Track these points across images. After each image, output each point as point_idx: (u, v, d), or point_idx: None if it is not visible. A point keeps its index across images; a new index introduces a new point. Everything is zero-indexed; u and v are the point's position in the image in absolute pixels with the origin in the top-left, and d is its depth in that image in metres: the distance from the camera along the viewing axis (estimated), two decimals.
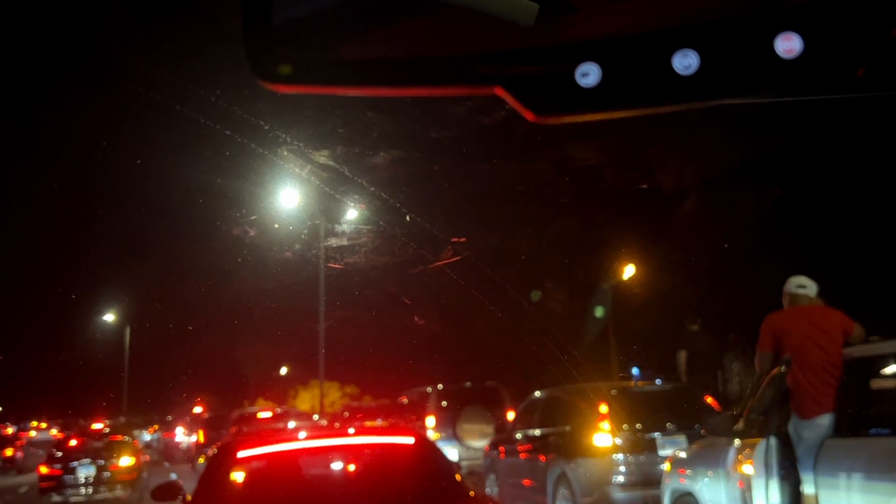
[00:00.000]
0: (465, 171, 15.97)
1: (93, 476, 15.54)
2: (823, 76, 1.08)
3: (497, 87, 1.13)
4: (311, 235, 20.09)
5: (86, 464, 15.59)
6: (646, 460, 8.63)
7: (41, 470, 16.03)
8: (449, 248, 16.37)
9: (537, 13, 1.11)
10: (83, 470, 15.51)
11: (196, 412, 31.11)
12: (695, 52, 1.08)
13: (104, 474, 15.65)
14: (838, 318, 5.74)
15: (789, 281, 6.00)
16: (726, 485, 6.18)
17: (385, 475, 4.93)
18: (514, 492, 10.53)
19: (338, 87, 1.23)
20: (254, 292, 24.21)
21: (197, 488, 4.69)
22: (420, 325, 24.86)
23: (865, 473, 4.92)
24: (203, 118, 10.54)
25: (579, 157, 14.64)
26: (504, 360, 19.00)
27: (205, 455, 14.19)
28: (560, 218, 18.06)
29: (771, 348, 5.86)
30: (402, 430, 5.44)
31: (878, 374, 5.53)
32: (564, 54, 1.11)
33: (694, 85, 1.08)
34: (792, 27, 1.06)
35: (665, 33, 1.09)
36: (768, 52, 1.06)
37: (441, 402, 15.45)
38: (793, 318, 5.85)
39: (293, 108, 11.96)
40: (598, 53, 1.10)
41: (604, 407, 8.94)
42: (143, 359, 33.61)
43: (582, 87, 1.10)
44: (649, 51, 1.09)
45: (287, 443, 5.15)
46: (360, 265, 19.87)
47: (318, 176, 14.94)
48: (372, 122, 13.25)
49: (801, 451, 5.44)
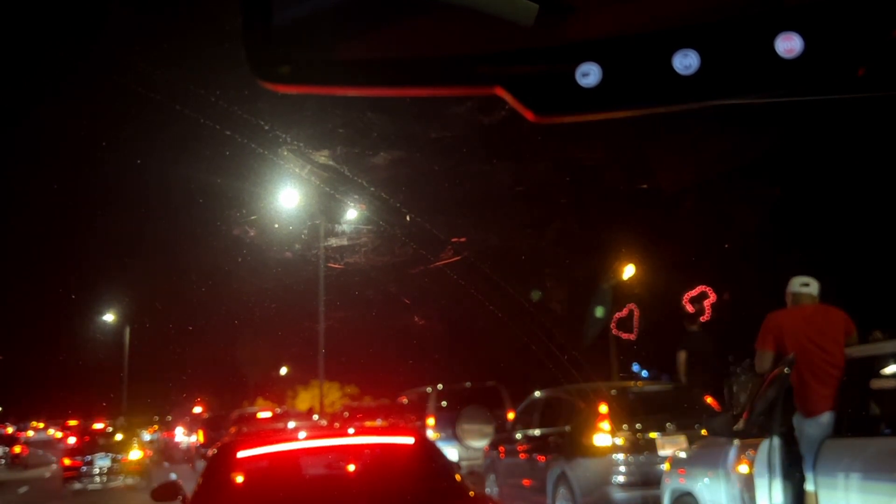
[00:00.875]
0: (465, 171, 15.98)
1: (107, 467, 18.15)
2: (824, 76, 1.08)
3: (497, 87, 1.13)
4: (311, 235, 20.09)
5: (102, 456, 18.18)
6: (646, 460, 8.63)
7: (64, 462, 18.69)
8: (449, 248, 16.36)
9: (537, 13, 1.11)
10: (100, 462, 18.10)
11: (196, 412, 31.16)
12: (695, 52, 1.08)
13: (117, 465, 18.25)
14: (840, 317, 5.74)
15: (792, 280, 6.00)
16: (726, 485, 6.18)
17: (385, 475, 4.93)
18: (514, 492, 10.53)
19: (338, 87, 1.23)
20: (254, 292, 24.22)
21: (197, 488, 4.69)
22: (420, 325, 24.87)
23: (865, 473, 4.92)
24: (203, 118, 10.55)
25: (579, 157, 14.66)
26: (504, 360, 18.99)
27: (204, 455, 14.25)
28: (560, 218, 18.07)
29: (771, 347, 5.86)
30: (401, 430, 5.43)
31: (878, 374, 5.53)
32: (565, 54, 1.11)
33: (694, 85, 1.08)
34: (792, 27, 1.06)
35: (665, 33, 1.09)
36: (769, 52, 1.06)
37: (441, 402, 15.45)
38: (793, 317, 5.85)
39: (293, 109, 11.97)
40: (599, 53, 1.10)
41: (604, 407, 8.94)
42: (142, 359, 33.64)
43: (582, 87, 1.10)
44: (650, 51, 1.09)
45: (287, 443, 5.15)
46: (360, 265, 19.87)
47: (319, 176, 14.95)
48: (372, 122, 13.26)
49: (804, 447, 5.45)
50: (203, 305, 29.91)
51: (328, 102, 11.98)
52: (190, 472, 19.24)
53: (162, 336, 33.53)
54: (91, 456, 18.12)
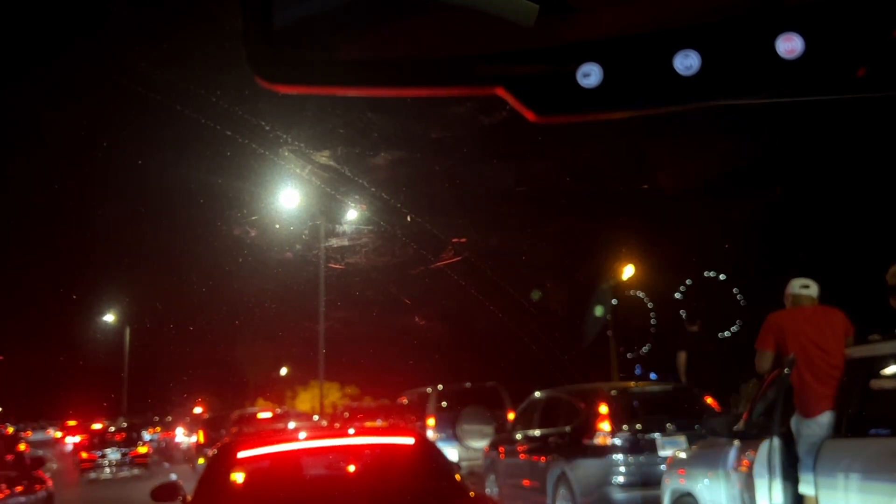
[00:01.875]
0: (465, 172, 15.96)
1: (118, 459, 21.86)
2: (824, 77, 1.08)
3: (498, 88, 1.13)
4: (312, 236, 20.09)
5: (113, 451, 21.94)
6: (646, 461, 8.63)
7: (82, 455, 22.37)
8: (449, 248, 16.35)
9: (538, 13, 1.11)
10: (112, 455, 21.90)
11: (196, 412, 31.15)
12: (696, 53, 1.08)
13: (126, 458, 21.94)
14: (840, 318, 5.74)
15: (792, 282, 6.01)
16: (726, 485, 6.18)
17: (385, 475, 4.93)
18: (514, 492, 10.53)
19: (338, 87, 1.23)
20: (254, 293, 24.23)
21: (197, 489, 4.69)
22: (420, 325, 24.87)
23: (865, 474, 4.92)
24: (204, 118, 10.55)
25: (580, 157, 14.65)
26: (504, 361, 18.99)
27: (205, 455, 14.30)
28: (561, 218, 18.07)
29: (771, 347, 5.86)
30: (401, 431, 5.44)
31: (878, 374, 5.53)
32: (566, 55, 1.11)
33: (695, 85, 1.08)
34: (793, 28, 1.06)
35: (666, 34, 1.09)
36: (769, 53, 1.06)
37: (441, 402, 15.44)
38: (794, 317, 5.85)
39: (294, 109, 11.96)
40: (600, 54, 1.10)
41: (604, 407, 8.93)
42: (143, 359, 33.65)
43: (583, 87, 1.10)
44: (650, 51, 1.09)
45: (287, 443, 5.15)
46: (361, 265, 19.85)
47: (319, 176, 14.94)
48: (373, 122, 13.25)
49: (801, 448, 5.45)
50: (204, 306, 29.93)
51: (329, 103, 11.97)
52: (190, 472, 19.23)
53: (162, 336, 33.55)
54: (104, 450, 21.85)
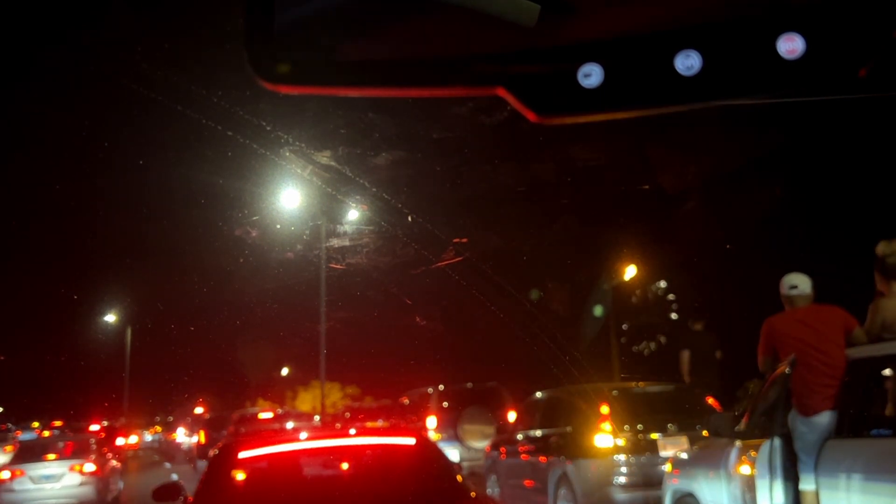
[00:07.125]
0: (466, 172, 15.96)
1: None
2: (826, 77, 1.08)
3: (499, 88, 1.13)
4: (313, 236, 20.08)
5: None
6: (647, 461, 8.63)
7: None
8: (450, 248, 16.34)
9: (539, 13, 1.11)
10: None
11: (197, 413, 31.15)
12: (697, 53, 1.08)
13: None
14: (837, 316, 5.68)
15: (782, 283, 5.96)
16: (728, 486, 6.17)
17: (386, 476, 4.93)
18: (515, 493, 10.53)
19: (339, 87, 1.23)
20: (255, 293, 24.21)
21: (198, 489, 4.69)
22: (421, 325, 24.85)
23: (867, 474, 4.92)
24: (205, 119, 10.54)
25: (581, 157, 14.64)
26: (505, 361, 18.98)
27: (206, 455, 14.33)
28: (561, 218, 18.05)
29: (768, 352, 5.86)
30: (403, 431, 5.44)
31: (879, 374, 5.52)
32: (567, 55, 1.11)
33: (696, 85, 1.08)
34: (794, 28, 1.06)
35: (667, 34, 1.09)
36: (771, 53, 1.06)
37: (442, 402, 15.44)
38: (787, 321, 5.82)
39: (295, 109, 11.95)
40: (601, 54, 1.10)
41: (605, 408, 8.93)
42: (144, 359, 33.67)
43: (584, 87, 1.10)
44: (651, 51, 1.09)
45: (288, 443, 5.16)
46: (362, 266, 19.84)
47: (320, 176, 14.94)
48: (374, 122, 13.25)
49: (800, 447, 5.44)
50: (205, 306, 29.92)
51: (330, 103, 11.96)
52: (191, 472, 19.24)
53: (163, 337, 33.58)
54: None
